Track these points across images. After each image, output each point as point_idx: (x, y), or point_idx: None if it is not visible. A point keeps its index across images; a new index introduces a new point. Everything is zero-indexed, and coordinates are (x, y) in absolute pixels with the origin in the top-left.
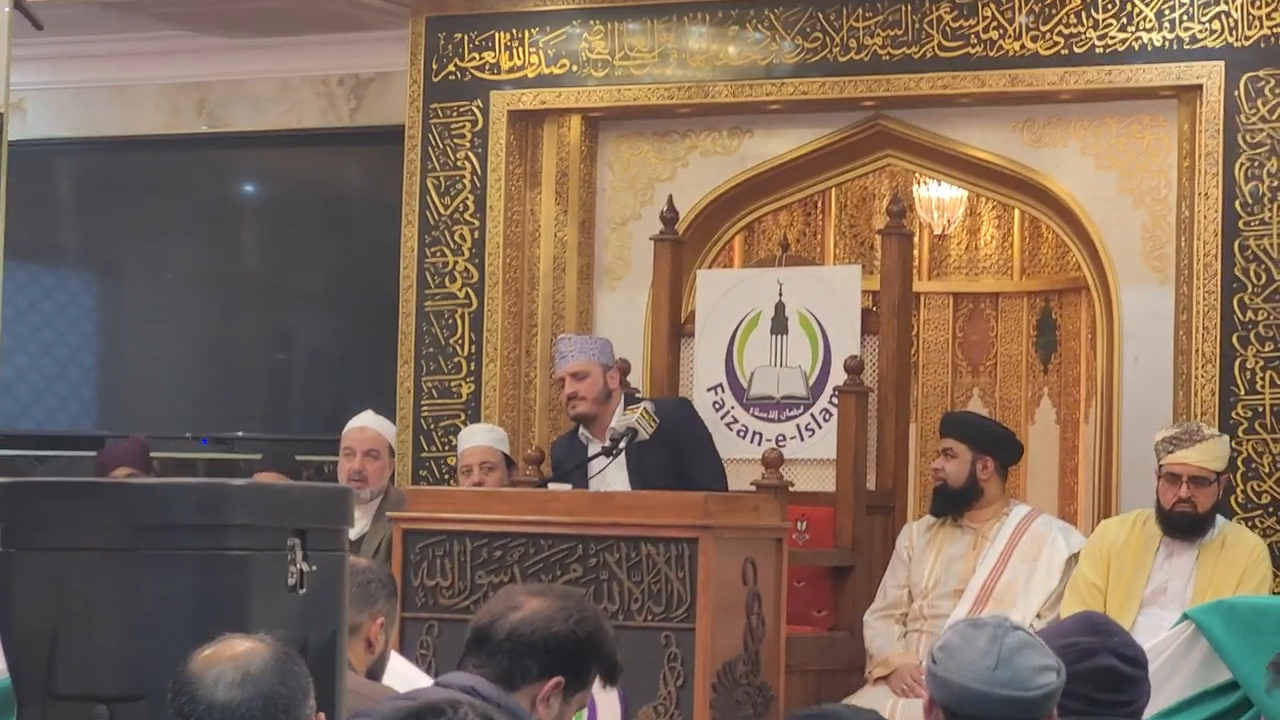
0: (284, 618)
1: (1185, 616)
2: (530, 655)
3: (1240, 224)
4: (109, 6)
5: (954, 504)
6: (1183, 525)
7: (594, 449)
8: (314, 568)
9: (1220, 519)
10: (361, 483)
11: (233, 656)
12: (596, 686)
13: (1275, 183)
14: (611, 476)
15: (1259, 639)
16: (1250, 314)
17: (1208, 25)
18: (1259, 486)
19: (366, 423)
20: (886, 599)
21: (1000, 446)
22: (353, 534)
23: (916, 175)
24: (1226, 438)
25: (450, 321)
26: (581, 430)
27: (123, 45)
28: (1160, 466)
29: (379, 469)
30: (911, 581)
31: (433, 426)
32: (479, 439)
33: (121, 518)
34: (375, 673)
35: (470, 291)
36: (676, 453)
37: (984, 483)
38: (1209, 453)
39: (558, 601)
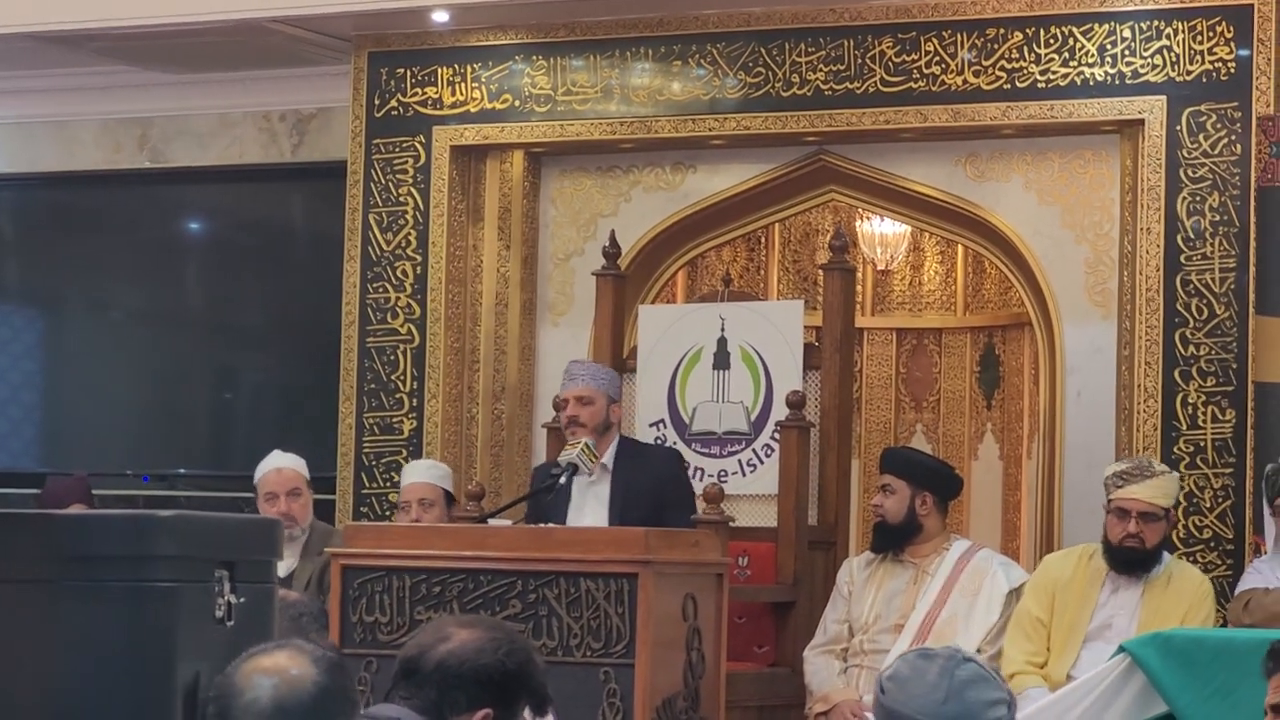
0: (212, 650)
1: (1121, 649)
2: (459, 687)
3: (1182, 258)
4: (48, 41)
5: (893, 540)
6: (1130, 560)
7: (576, 482)
8: (242, 600)
9: (1166, 555)
10: (291, 523)
11: (274, 698)
12: (527, 716)
13: (1217, 217)
14: (591, 507)
15: (1195, 671)
16: (1192, 349)
17: (1149, 60)
18: (1200, 521)
19: (281, 463)
20: (827, 634)
21: (939, 482)
22: (282, 570)
23: (860, 210)
24: (1176, 475)
25: (392, 357)
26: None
27: (63, 80)
28: (1109, 501)
29: (303, 506)
30: (852, 617)
31: (374, 463)
32: (418, 475)
33: (47, 549)
34: None
35: (412, 327)
36: (657, 499)
37: (923, 518)
38: (1159, 489)
39: (487, 633)
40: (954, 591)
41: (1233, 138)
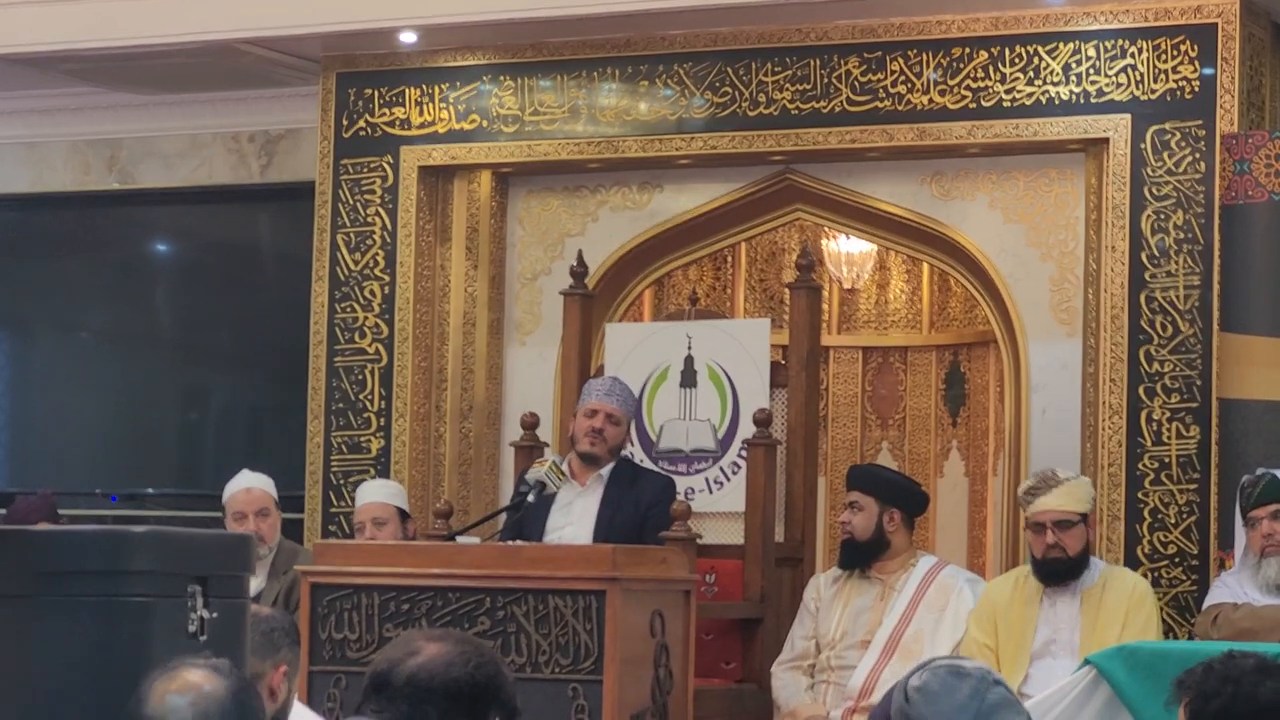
0: None
1: (1087, 661)
2: (429, 701)
3: (1147, 276)
4: (17, 63)
5: (861, 557)
6: (1057, 571)
7: (566, 489)
8: (215, 615)
9: (1100, 563)
10: (260, 542)
11: (193, 703)
12: None
13: (1181, 235)
14: (578, 516)
15: (1161, 683)
16: (1156, 365)
17: (1114, 79)
18: (1165, 537)
19: (250, 484)
20: (794, 650)
21: (906, 498)
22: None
23: (826, 229)
24: (1086, 479)
25: (360, 377)
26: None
27: (32, 102)
28: (1026, 519)
29: (271, 526)
30: (819, 633)
31: (342, 482)
32: (370, 495)
33: (21, 564)
34: None
35: (380, 347)
36: (643, 520)
37: (891, 535)
38: (1068, 495)
39: (456, 646)
40: (920, 608)
41: (1197, 156)
